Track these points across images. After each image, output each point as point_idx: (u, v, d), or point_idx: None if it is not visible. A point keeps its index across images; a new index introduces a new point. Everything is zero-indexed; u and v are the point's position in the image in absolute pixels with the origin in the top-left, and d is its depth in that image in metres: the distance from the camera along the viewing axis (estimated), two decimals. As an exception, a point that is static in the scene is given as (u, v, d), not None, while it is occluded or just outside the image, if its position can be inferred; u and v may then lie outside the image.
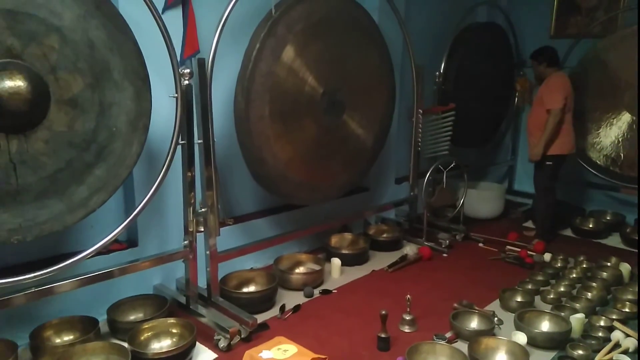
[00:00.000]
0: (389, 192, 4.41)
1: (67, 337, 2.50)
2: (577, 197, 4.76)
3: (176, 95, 2.48)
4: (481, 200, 4.57)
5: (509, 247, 3.89)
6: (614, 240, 4.16)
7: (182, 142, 2.57)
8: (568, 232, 4.34)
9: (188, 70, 2.49)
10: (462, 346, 2.46)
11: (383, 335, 2.53)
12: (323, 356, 2.36)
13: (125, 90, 2.29)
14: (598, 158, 4.40)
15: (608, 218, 4.46)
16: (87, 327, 2.51)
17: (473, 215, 4.54)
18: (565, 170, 4.11)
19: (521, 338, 2.45)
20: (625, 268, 3.38)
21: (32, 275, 2.16)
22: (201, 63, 2.56)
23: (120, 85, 2.27)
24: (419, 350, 2.35)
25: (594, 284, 3.14)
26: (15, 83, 1.95)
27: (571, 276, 3.34)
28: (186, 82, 2.50)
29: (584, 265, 3.52)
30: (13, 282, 2.14)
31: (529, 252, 3.73)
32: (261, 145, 2.97)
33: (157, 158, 2.73)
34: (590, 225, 4.34)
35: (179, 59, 2.68)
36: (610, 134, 4.31)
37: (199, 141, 2.64)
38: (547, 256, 3.68)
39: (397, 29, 3.77)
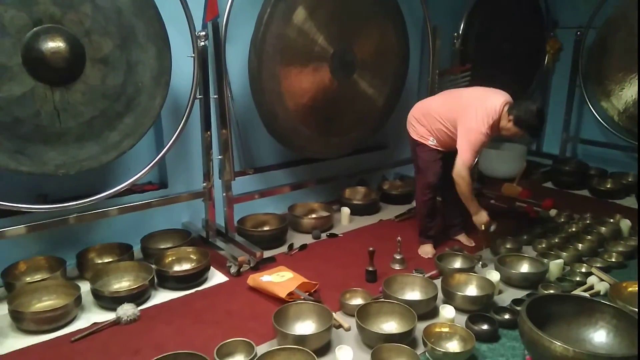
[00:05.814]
0: (408, 150, 4.61)
1: (107, 259, 3.00)
2: (598, 159, 4.75)
3: (193, 55, 2.85)
4: (499, 160, 4.68)
5: (518, 203, 4.04)
6: (630, 202, 4.18)
7: (200, 96, 2.95)
8: (585, 193, 4.40)
9: (203, 33, 2.85)
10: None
11: (370, 269, 2.85)
12: (314, 282, 2.73)
13: (149, 50, 2.69)
14: (621, 119, 4.38)
15: (630, 180, 4.44)
16: (123, 251, 3.01)
17: (491, 174, 4.66)
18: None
19: (494, 276, 2.67)
20: (625, 224, 3.46)
21: (79, 202, 2.66)
22: (215, 26, 2.90)
23: (145, 46, 2.67)
24: (397, 281, 2.65)
25: (588, 237, 3.25)
26: (57, 44, 2.38)
27: (570, 230, 3.43)
28: (202, 43, 2.86)
29: (587, 222, 3.59)
30: (64, 207, 2.64)
31: (535, 208, 3.87)
32: (273, 101, 3.30)
33: (182, 110, 3.12)
34: (608, 186, 4.36)
35: (201, 22, 3.03)
36: (633, 93, 4.27)
37: (215, 96, 3.01)
38: (553, 212, 3.81)
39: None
